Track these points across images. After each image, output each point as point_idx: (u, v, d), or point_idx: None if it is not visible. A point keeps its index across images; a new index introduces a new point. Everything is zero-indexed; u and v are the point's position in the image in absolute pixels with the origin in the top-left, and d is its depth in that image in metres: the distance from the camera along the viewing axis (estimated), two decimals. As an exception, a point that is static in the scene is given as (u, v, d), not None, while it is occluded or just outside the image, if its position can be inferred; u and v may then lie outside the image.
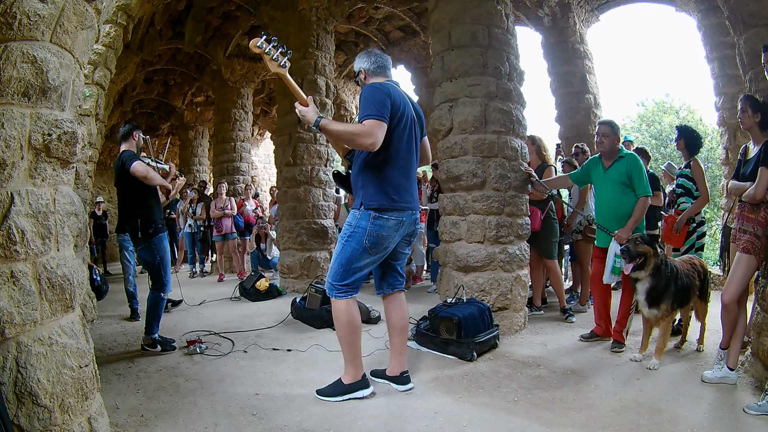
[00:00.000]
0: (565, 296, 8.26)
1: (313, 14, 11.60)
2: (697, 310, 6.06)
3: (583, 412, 4.24)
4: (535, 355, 5.95)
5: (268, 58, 4.32)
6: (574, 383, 4.96)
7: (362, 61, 4.97)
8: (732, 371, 4.85)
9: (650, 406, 4.34)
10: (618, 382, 4.94)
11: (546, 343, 6.43)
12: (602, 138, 6.43)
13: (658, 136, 36.71)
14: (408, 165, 4.75)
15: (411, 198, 4.78)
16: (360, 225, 4.60)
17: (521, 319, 7.05)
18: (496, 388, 4.88)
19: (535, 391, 4.75)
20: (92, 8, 3.26)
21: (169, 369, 5.69)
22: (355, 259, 4.63)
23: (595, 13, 14.05)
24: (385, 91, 4.48)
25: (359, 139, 4.33)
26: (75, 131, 3.07)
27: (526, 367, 5.49)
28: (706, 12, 11.22)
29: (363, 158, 4.69)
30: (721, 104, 11.28)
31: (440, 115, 7.26)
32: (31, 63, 2.77)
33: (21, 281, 2.71)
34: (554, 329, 7.15)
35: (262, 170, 29.31)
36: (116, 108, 16.90)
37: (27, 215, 2.76)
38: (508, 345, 6.36)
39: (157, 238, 6.44)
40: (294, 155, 11.33)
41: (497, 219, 6.87)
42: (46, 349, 2.80)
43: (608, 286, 6.50)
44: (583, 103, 13.48)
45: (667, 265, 5.52)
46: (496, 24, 7.14)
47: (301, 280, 11.12)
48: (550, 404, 4.44)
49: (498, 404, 4.49)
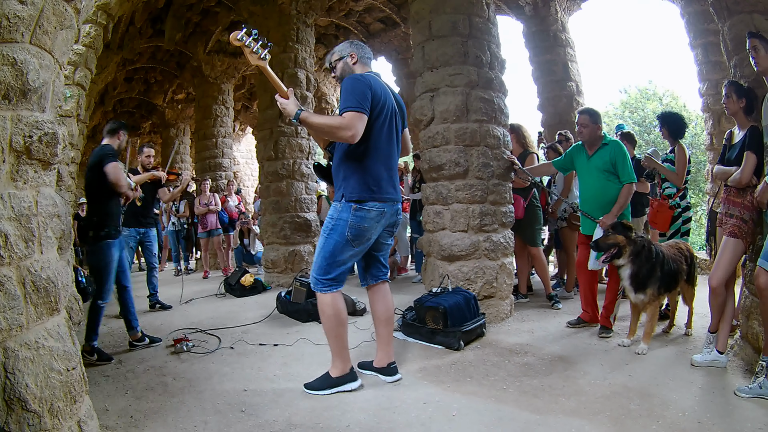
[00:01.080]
0: (550, 283, 8.31)
1: (293, 8, 11.56)
2: (684, 294, 6.13)
3: (573, 399, 4.28)
4: (523, 342, 5.99)
5: (248, 51, 4.30)
6: (563, 370, 5.00)
7: (352, 47, 4.98)
8: (721, 354, 4.90)
9: (640, 390, 4.37)
10: (607, 368, 4.98)
11: (533, 331, 6.48)
12: (581, 128, 6.47)
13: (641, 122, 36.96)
14: (389, 156, 4.75)
15: (392, 189, 4.77)
16: (341, 217, 4.60)
17: (507, 307, 7.10)
18: (484, 377, 4.91)
19: (524, 379, 4.78)
20: (71, 8, 3.23)
21: (157, 368, 5.67)
22: (338, 251, 4.63)
23: (577, 1, 14.10)
24: (366, 83, 4.48)
25: (339, 132, 4.33)
26: (56, 132, 3.05)
27: (513, 355, 5.53)
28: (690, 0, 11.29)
29: (344, 150, 4.69)
30: (705, 90, 11.42)
31: (422, 105, 7.28)
32: (11, 65, 2.75)
33: (6, 286, 2.69)
34: (541, 316, 7.20)
35: (244, 165, 29.20)
36: (98, 108, 16.77)
37: (9, 219, 2.74)
38: (495, 333, 6.40)
39: (105, 243, 6.26)
40: (275, 149, 11.31)
41: (481, 207, 6.90)
42: (33, 353, 2.79)
43: (594, 273, 6.55)
44: (565, 90, 13.53)
45: (651, 250, 5.57)
46: (477, 13, 7.17)
47: (285, 275, 11.11)
48: (540, 391, 4.47)
49: (487, 393, 4.52)
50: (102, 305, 6.33)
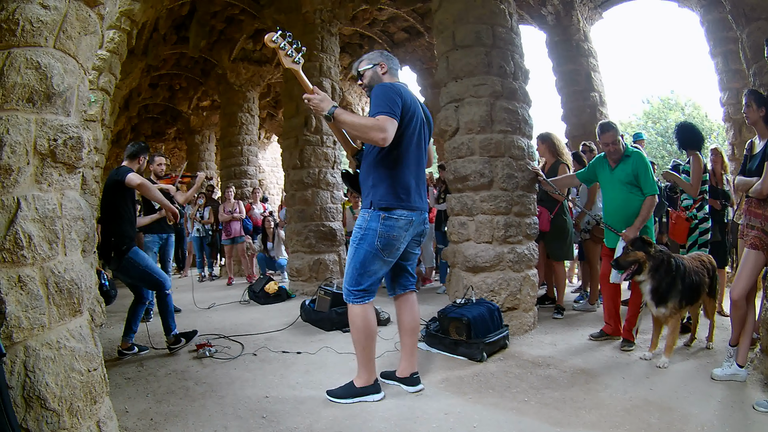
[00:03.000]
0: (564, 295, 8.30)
1: (317, 17, 11.62)
2: (705, 307, 6.04)
3: (594, 412, 4.23)
4: (545, 354, 5.93)
5: (282, 54, 4.32)
6: (584, 383, 4.94)
7: (382, 57, 4.98)
8: (741, 368, 4.81)
9: (660, 404, 4.32)
10: (628, 381, 4.92)
11: (556, 343, 6.41)
12: (611, 146, 6.33)
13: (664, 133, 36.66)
14: (417, 165, 4.75)
15: (419, 198, 4.76)
16: (370, 227, 4.59)
17: (531, 319, 7.02)
18: (506, 389, 4.86)
19: (545, 391, 4.73)
20: (95, 14, 3.27)
21: (179, 373, 5.70)
22: (368, 262, 4.61)
23: (598, 10, 14.04)
24: (396, 91, 4.48)
25: (371, 133, 4.27)
26: (81, 136, 3.08)
27: (536, 367, 5.47)
28: (709, 7, 11.19)
29: (373, 157, 4.69)
30: (726, 100, 11.27)
31: (446, 115, 7.24)
32: (35, 69, 2.78)
33: (28, 286, 2.71)
34: (564, 329, 7.12)
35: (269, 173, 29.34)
36: (122, 113, 16.95)
37: (34, 220, 2.77)
38: (518, 345, 6.34)
39: (131, 252, 6.35)
40: (301, 158, 11.33)
41: (505, 219, 6.85)
42: (55, 353, 2.80)
43: (617, 285, 6.45)
44: (588, 101, 13.47)
45: (671, 263, 5.49)
46: (500, 23, 7.13)
47: (310, 283, 11.09)
48: (560, 404, 4.42)
49: (508, 404, 4.48)
50: (168, 292, 6.54)
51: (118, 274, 6.60)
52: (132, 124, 21.64)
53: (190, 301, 10.04)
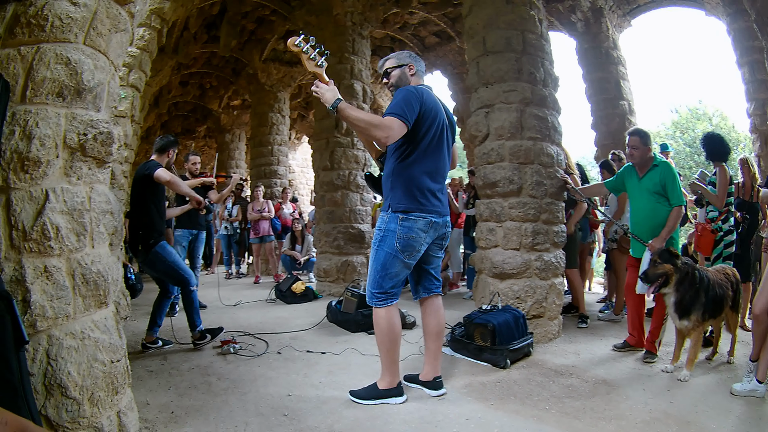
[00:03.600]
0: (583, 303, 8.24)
1: (348, 19, 11.67)
2: (728, 321, 5.93)
3: (613, 422, 4.19)
4: (568, 363, 5.88)
5: (305, 57, 4.34)
6: (606, 393, 4.90)
7: (412, 59, 5.00)
8: (761, 384, 4.72)
9: (679, 417, 4.27)
10: (649, 393, 4.87)
11: (579, 352, 6.36)
12: (632, 150, 6.30)
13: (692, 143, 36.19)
14: (437, 169, 4.72)
15: (439, 202, 4.74)
16: (389, 228, 4.60)
17: (555, 327, 6.97)
18: (528, 396, 4.83)
19: (567, 400, 4.70)
20: (125, 12, 3.32)
21: (202, 368, 5.75)
22: (389, 263, 4.60)
23: (627, 18, 13.91)
24: (418, 96, 4.48)
25: (373, 130, 4.31)
26: (111, 131, 3.12)
27: (558, 376, 5.43)
28: (735, 15, 10.95)
29: (393, 161, 4.70)
30: (752, 110, 11.05)
31: (477, 121, 7.22)
32: (65, 64, 2.83)
33: (54, 276, 2.76)
34: (588, 338, 7.06)
35: (299, 174, 29.46)
36: (152, 110, 17.15)
37: (62, 212, 2.81)
38: (542, 353, 6.30)
39: (158, 246, 6.43)
40: (331, 159, 11.37)
41: (533, 226, 6.80)
42: (78, 342, 2.85)
43: (642, 296, 6.36)
44: (618, 109, 13.36)
45: (695, 275, 5.42)
46: (530, 29, 7.10)
47: (337, 284, 11.12)
48: (581, 413, 4.39)
49: (529, 412, 4.45)
50: (193, 288, 6.63)
51: (144, 267, 6.69)
52: (162, 121, 21.91)
53: (216, 298, 10.16)
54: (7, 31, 2.80)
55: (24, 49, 2.79)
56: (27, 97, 2.77)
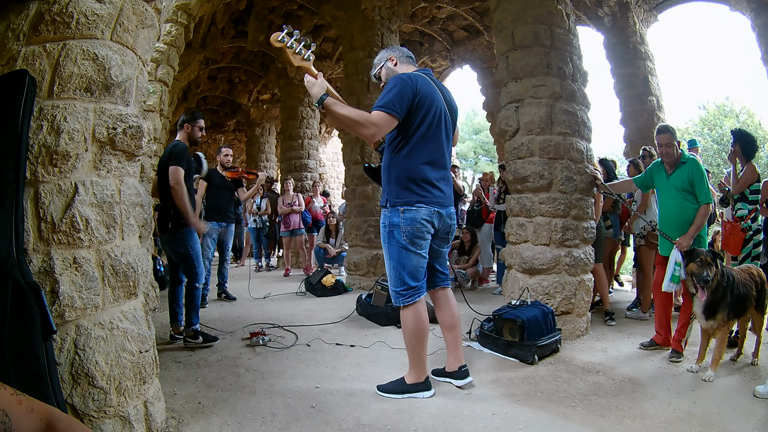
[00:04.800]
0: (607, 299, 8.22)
1: (376, 14, 11.64)
2: (753, 321, 5.83)
3: (637, 421, 4.16)
4: (595, 361, 5.83)
5: (290, 53, 4.26)
6: (631, 391, 4.87)
7: (389, 51, 4.97)
8: None
9: (702, 418, 4.22)
10: (673, 393, 4.82)
11: (606, 350, 6.31)
12: (666, 148, 6.22)
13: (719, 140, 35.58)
14: (437, 158, 4.61)
15: (440, 193, 4.62)
16: (393, 222, 4.53)
17: (584, 324, 6.92)
18: (554, 393, 4.81)
19: (593, 398, 4.67)
20: (152, 8, 3.37)
21: (230, 359, 5.81)
22: (404, 258, 4.54)
23: (654, 12, 13.71)
24: (410, 84, 4.37)
25: (358, 128, 4.27)
26: (140, 125, 3.17)
27: (585, 373, 5.40)
28: (758, 10, 10.64)
29: (389, 152, 4.64)
30: (777, 107, 10.87)
31: (507, 115, 7.18)
32: (92, 60, 2.88)
33: (84, 267, 2.81)
34: (615, 336, 7.00)
35: (330, 168, 29.50)
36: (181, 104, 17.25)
37: (91, 204, 2.86)
38: (570, 350, 6.26)
39: (187, 229, 6.45)
40: (362, 153, 11.34)
41: (563, 222, 6.76)
42: (107, 333, 2.90)
43: (670, 295, 6.30)
44: (646, 105, 13.18)
45: (724, 275, 5.34)
46: (558, 24, 7.04)
47: (367, 278, 11.13)
48: (606, 411, 4.36)
49: (555, 409, 4.43)
50: (198, 286, 6.58)
51: (166, 246, 6.69)
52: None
53: (246, 290, 10.22)
54: (32, 28, 2.86)
55: (50, 46, 2.85)
56: (54, 92, 2.83)
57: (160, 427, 3.45)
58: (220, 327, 7.19)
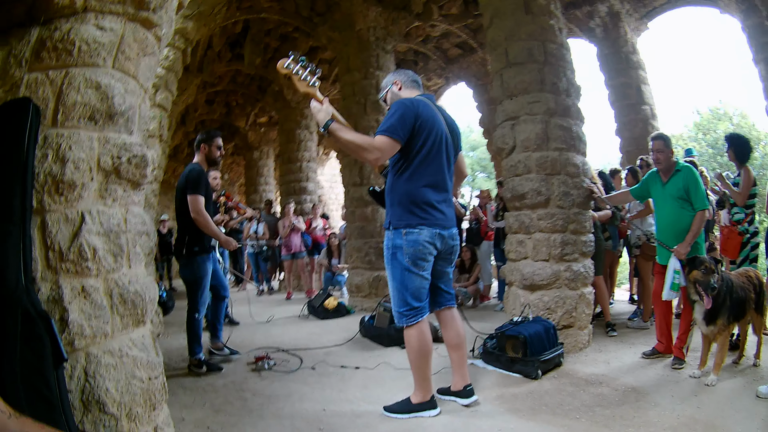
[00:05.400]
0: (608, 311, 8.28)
1: (371, 34, 11.76)
2: (753, 323, 5.89)
3: (641, 430, 4.20)
4: (598, 372, 5.88)
5: (296, 79, 4.35)
6: (635, 400, 4.91)
7: (395, 75, 5.04)
8: None
9: (706, 422, 4.26)
10: (676, 399, 4.86)
11: (609, 361, 6.35)
12: (658, 154, 6.33)
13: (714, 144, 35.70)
14: (437, 182, 4.68)
15: (441, 215, 4.67)
16: (396, 244, 4.60)
17: (585, 337, 6.94)
18: (558, 406, 4.84)
19: (597, 409, 4.71)
20: (152, 35, 3.40)
21: (237, 384, 5.81)
22: (407, 279, 4.59)
23: (644, 20, 13.89)
24: (411, 109, 4.48)
25: (362, 153, 4.39)
26: (145, 154, 3.20)
27: (588, 385, 5.43)
28: (748, 12, 10.75)
29: (392, 175, 4.72)
30: (770, 108, 10.94)
31: (503, 133, 7.25)
32: (95, 88, 2.90)
33: (92, 296, 2.82)
34: (617, 346, 7.04)
35: (328, 189, 29.60)
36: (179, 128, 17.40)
37: (98, 233, 2.88)
38: (572, 363, 6.29)
39: (200, 257, 6.48)
40: (361, 175, 11.41)
41: (562, 237, 6.81)
42: (117, 360, 2.90)
43: (670, 303, 6.38)
44: (640, 114, 13.35)
45: (723, 279, 5.38)
46: (551, 39, 7.15)
47: (369, 299, 11.12)
48: (610, 421, 4.40)
49: (560, 422, 4.45)
50: (199, 318, 6.53)
51: (181, 270, 6.65)
52: (189, 139, 22.20)
53: (248, 314, 10.20)
54: (34, 55, 2.87)
55: (52, 74, 2.86)
56: (58, 120, 2.83)
57: (170, 454, 3.46)
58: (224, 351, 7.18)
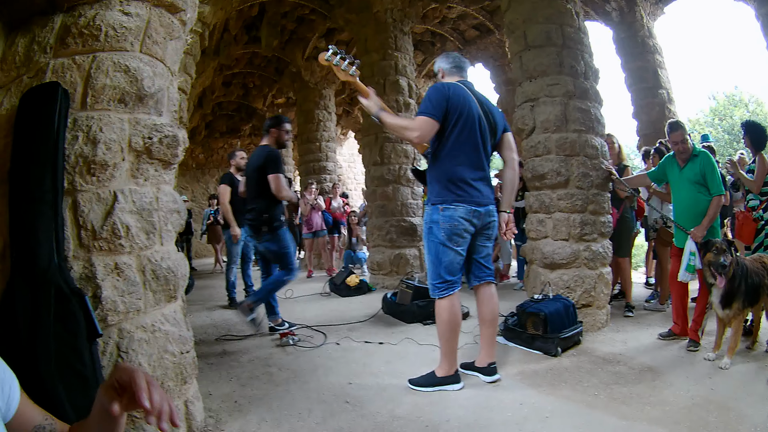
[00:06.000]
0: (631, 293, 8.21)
1: (388, 16, 11.68)
2: (767, 309, 5.88)
3: (657, 408, 4.24)
4: (616, 351, 5.91)
5: (337, 69, 4.63)
6: (651, 380, 4.94)
7: (441, 61, 5.20)
8: None
9: (719, 404, 4.29)
10: (691, 380, 4.89)
11: (626, 341, 6.37)
12: (680, 144, 6.27)
13: (730, 130, 35.18)
14: (473, 161, 4.80)
15: (477, 192, 4.80)
16: (433, 219, 4.78)
17: (603, 316, 6.97)
18: (578, 383, 4.89)
19: (614, 387, 4.75)
20: (177, 20, 3.47)
21: (262, 359, 5.90)
22: (441, 253, 4.74)
23: (660, 5, 13.66)
24: (444, 92, 4.68)
25: (405, 132, 4.70)
26: (176, 135, 3.28)
27: (606, 364, 5.47)
28: (762, 0, 10.71)
29: (432, 155, 4.89)
30: (785, 96, 10.80)
31: (523, 114, 7.25)
32: (124, 72, 2.97)
33: (125, 272, 2.91)
34: (635, 327, 7.05)
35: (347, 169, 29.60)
36: (196, 110, 17.35)
37: (131, 212, 2.97)
38: (591, 341, 6.33)
39: (282, 230, 6.98)
40: (381, 155, 11.39)
41: (581, 217, 6.83)
42: (149, 335, 2.99)
43: (686, 286, 6.38)
44: (657, 98, 13.18)
45: (738, 264, 5.39)
46: (568, 23, 7.11)
47: (390, 277, 11.18)
48: (628, 399, 4.45)
49: (579, 398, 4.52)
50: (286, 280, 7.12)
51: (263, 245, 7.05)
52: (206, 121, 22.33)
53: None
54: (58, 41, 2.95)
55: (79, 59, 2.94)
56: (88, 104, 2.92)
57: (199, 426, 3.54)
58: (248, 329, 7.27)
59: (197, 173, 25.88)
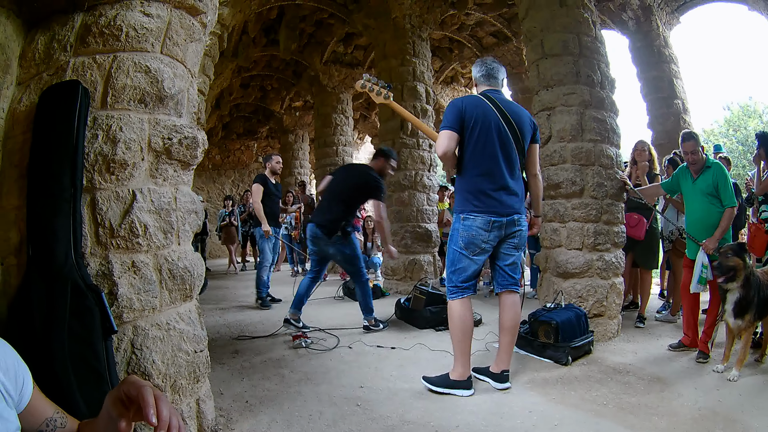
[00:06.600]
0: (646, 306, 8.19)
1: (406, 22, 11.73)
2: None
3: (665, 418, 4.24)
4: (626, 362, 5.90)
5: (372, 95, 5.16)
6: (659, 390, 4.95)
7: (474, 69, 5.33)
8: None
9: (726, 416, 4.29)
10: (699, 392, 4.89)
11: (636, 351, 6.36)
12: (692, 155, 6.29)
13: (744, 141, 34.85)
14: (492, 171, 4.86)
15: (496, 203, 4.84)
16: (455, 227, 5.00)
17: (615, 326, 6.96)
18: (587, 392, 4.90)
19: (623, 396, 4.76)
20: (198, 22, 3.51)
21: (274, 361, 5.93)
22: (456, 259, 4.92)
23: (676, 14, 13.62)
24: (458, 106, 4.89)
25: (436, 146, 4.91)
26: (195, 136, 3.31)
27: (616, 373, 5.47)
28: None
29: (457, 168, 5.03)
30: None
31: (539, 123, 7.22)
32: (144, 72, 3.01)
33: (142, 271, 2.94)
34: (645, 338, 7.05)
35: (363, 174, 29.56)
36: (213, 112, 17.46)
37: (149, 211, 3.00)
38: (601, 351, 6.33)
39: (353, 236, 7.57)
40: (398, 160, 11.36)
41: (595, 226, 6.85)
42: (164, 333, 3.02)
43: (697, 297, 6.38)
44: (672, 108, 13.09)
45: (753, 274, 5.39)
46: (585, 32, 7.14)
47: (404, 282, 11.20)
48: (636, 409, 4.45)
49: (588, 407, 4.53)
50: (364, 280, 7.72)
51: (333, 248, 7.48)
52: (223, 122, 22.52)
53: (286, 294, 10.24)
54: (79, 40, 2.98)
55: (100, 58, 2.97)
56: (108, 103, 2.94)
57: (210, 425, 3.56)
58: (261, 330, 7.36)
59: (213, 174, 26.05)
